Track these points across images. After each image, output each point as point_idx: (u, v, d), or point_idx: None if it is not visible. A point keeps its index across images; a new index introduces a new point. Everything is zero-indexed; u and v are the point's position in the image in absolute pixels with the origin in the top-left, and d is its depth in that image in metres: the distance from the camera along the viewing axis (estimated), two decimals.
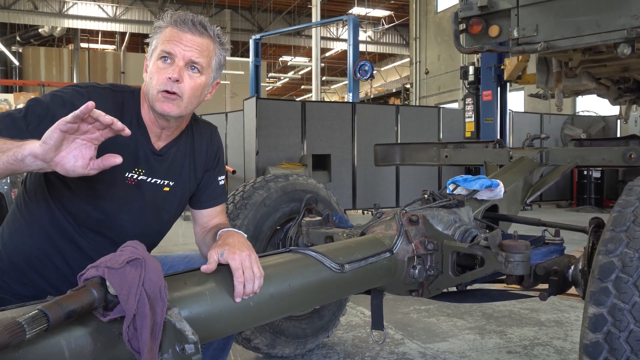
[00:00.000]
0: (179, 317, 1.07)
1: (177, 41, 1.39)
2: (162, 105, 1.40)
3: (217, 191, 1.68)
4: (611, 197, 11.31)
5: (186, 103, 1.42)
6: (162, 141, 1.51)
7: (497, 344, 2.87)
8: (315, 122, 9.55)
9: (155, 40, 1.44)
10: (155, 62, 1.41)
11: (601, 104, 7.65)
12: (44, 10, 22.76)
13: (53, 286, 1.44)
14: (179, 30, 1.40)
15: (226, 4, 24.10)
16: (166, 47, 1.39)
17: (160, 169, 1.51)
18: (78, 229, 1.44)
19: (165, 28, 1.42)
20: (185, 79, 1.40)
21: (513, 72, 7.56)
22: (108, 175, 1.38)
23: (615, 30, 2.80)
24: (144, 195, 1.49)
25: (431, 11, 19.72)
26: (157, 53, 1.41)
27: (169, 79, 1.38)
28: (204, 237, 1.63)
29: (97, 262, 1.03)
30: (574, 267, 1.71)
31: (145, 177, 1.48)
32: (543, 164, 2.91)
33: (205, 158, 1.64)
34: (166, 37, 1.41)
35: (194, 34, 1.41)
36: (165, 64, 1.39)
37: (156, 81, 1.40)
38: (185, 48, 1.39)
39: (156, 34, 1.44)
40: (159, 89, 1.39)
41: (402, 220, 1.82)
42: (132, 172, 1.46)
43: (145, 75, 1.46)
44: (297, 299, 1.43)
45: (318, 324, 2.62)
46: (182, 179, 1.57)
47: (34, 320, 0.86)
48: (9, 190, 5.07)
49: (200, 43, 1.42)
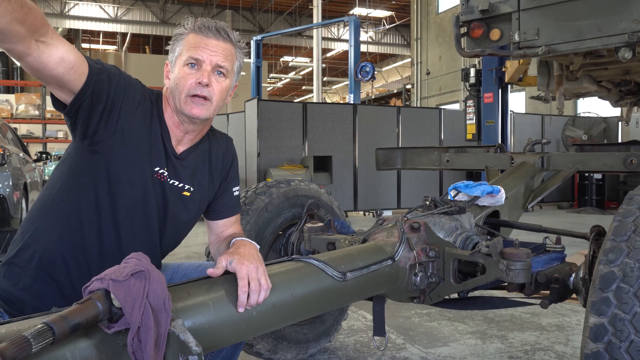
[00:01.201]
0: (182, 328, 1.08)
1: (204, 47, 1.44)
2: (192, 110, 1.44)
3: (232, 202, 1.71)
4: (612, 199, 11.32)
5: (214, 106, 1.48)
6: (182, 145, 1.54)
7: (499, 348, 2.87)
8: (317, 123, 9.57)
9: (179, 47, 1.48)
10: (181, 68, 1.45)
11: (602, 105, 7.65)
12: (45, 11, 22.78)
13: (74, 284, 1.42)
14: (203, 36, 1.45)
15: (227, 4, 24.12)
16: (193, 53, 1.44)
17: (181, 173, 1.54)
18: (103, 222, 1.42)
19: (188, 35, 1.47)
20: (213, 83, 1.46)
21: (514, 74, 7.55)
22: (140, 164, 1.43)
23: (616, 35, 2.80)
24: (166, 195, 1.51)
25: (432, 12, 19.73)
26: (183, 59, 1.45)
27: (198, 84, 1.43)
28: (219, 247, 1.66)
29: (101, 274, 1.04)
30: (575, 275, 1.71)
31: (168, 178, 1.51)
32: (544, 169, 2.91)
33: (222, 168, 1.66)
34: (191, 44, 1.45)
35: (219, 39, 1.46)
36: (192, 70, 1.44)
37: (184, 86, 1.44)
38: (211, 53, 1.45)
39: (178, 41, 1.48)
40: (188, 94, 1.44)
41: (404, 228, 1.83)
42: (162, 169, 1.49)
43: (168, 82, 1.50)
44: (299, 308, 1.43)
45: (320, 329, 2.62)
46: (201, 187, 1.59)
47: (40, 334, 0.87)
48: (11, 193, 5.08)
49: (224, 48, 1.47)
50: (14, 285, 1.42)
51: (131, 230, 1.46)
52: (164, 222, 1.53)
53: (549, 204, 12.03)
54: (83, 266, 1.43)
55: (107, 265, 1.36)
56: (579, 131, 11.76)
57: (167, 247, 1.61)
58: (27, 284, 1.41)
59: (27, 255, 1.42)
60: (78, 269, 1.42)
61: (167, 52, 1.55)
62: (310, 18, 19.57)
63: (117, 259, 1.43)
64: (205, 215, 1.70)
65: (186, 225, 1.63)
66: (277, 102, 10.38)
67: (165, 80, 1.52)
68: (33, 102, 15.94)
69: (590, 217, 9.65)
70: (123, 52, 25.96)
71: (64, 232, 1.42)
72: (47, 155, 7.59)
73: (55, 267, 1.41)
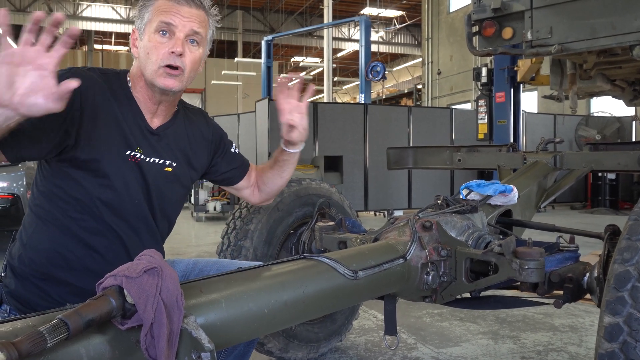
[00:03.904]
0: (195, 325, 1.08)
1: (175, 12, 1.36)
2: (164, 81, 1.38)
3: (238, 160, 1.74)
4: (626, 199, 11.18)
5: (187, 77, 1.41)
6: (157, 119, 1.48)
7: (511, 349, 2.85)
8: (327, 123, 9.56)
9: (148, 14, 1.39)
10: (151, 36, 1.37)
11: (616, 104, 7.57)
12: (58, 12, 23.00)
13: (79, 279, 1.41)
14: (174, 2, 1.37)
15: (238, 5, 24.21)
16: (165, 18, 1.35)
17: (159, 148, 1.48)
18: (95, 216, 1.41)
19: (157, 1, 1.38)
20: (187, 52, 1.38)
21: (526, 73, 7.49)
22: (108, 154, 1.38)
23: (630, 33, 2.77)
24: (145, 175, 1.46)
25: (443, 11, 19.65)
26: (153, 26, 1.36)
27: (171, 53, 1.36)
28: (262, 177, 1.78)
29: (115, 270, 1.04)
30: (589, 275, 1.69)
31: (145, 156, 1.45)
32: (557, 168, 2.89)
33: (206, 143, 1.63)
34: (162, 9, 1.36)
35: (191, 5, 1.39)
36: (164, 38, 1.36)
37: (156, 56, 1.36)
38: (184, 19, 1.37)
39: (146, 7, 1.39)
40: (161, 64, 1.36)
41: (416, 227, 1.82)
42: (133, 151, 1.43)
43: (136, 51, 1.42)
44: (311, 306, 1.43)
45: (331, 328, 2.62)
46: (183, 162, 1.55)
47: (55, 330, 0.88)
48: (25, 192, 5.14)
49: (197, 14, 1.40)
50: (22, 285, 1.43)
51: (125, 222, 1.44)
52: (151, 203, 1.49)
53: (561, 205, 11.92)
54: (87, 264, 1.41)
55: (112, 260, 1.37)
56: (593, 131, 11.64)
57: (163, 229, 1.57)
58: (34, 284, 1.42)
59: (30, 255, 1.42)
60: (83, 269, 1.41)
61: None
62: (320, 18, 19.57)
63: (122, 252, 1.44)
64: (225, 185, 1.74)
65: (175, 204, 1.59)
66: None
67: (133, 49, 1.43)
68: None
69: (604, 218, 9.55)
70: None
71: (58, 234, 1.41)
72: None
73: (57, 267, 1.41)
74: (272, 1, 24.92)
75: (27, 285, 1.42)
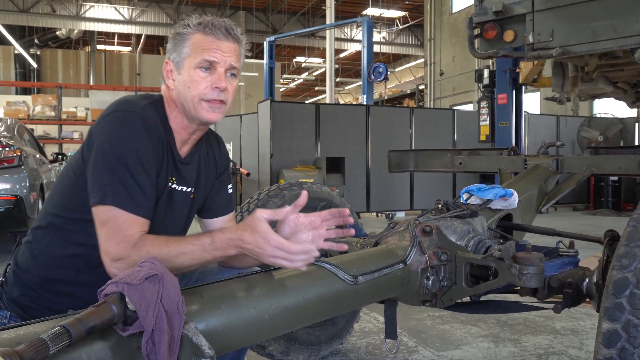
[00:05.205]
0: (195, 331, 1.10)
1: (216, 49, 1.40)
2: (209, 115, 1.42)
3: (227, 199, 1.69)
4: (629, 201, 11.17)
5: (227, 108, 1.47)
6: (186, 147, 1.52)
7: (512, 352, 2.86)
8: (330, 124, 9.57)
9: (186, 48, 1.41)
10: (193, 71, 1.40)
11: (619, 106, 7.56)
12: (61, 13, 23.07)
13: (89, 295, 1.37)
14: (214, 37, 1.41)
15: (241, 5, 24.22)
16: (207, 55, 1.40)
17: (187, 177, 1.52)
18: None
19: (194, 34, 1.41)
20: (227, 85, 1.43)
21: (528, 75, 7.50)
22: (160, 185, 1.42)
23: (632, 36, 2.77)
24: (175, 203, 1.50)
25: (446, 12, 19.63)
26: (195, 62, 1.40)
27: (215, 88, 1.40)
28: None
29: (116, 277, 1.05)
30: (589, 280, 1.70)
31: (177, 185, 1.50)
32: (558, 171, 2.89)
33: (215, 168, 1.65)
34: (202, 46, 1.40)
35: (229, 40, 1.43)
36: (206, 73, 1.40)
37: (197, 90, 1.40)
38: (224, 55, 1.41)
39: (183, 40, 1.42)
40: (204, 98, 1.41)
41: (416, 231, 1.83)
42: (169, 181, 1.47)
43: (171, 82, 1.45)
44: (311, 311, 1.44)
45: (332, 331, 2.63)
46: (200, 187, 1.59)
47: (57, 337, 0.89)
48: (28, 194, 5.16)
49: (234, 48, 1.44)
50: (27, 294, 1.43)
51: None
52: (175, 227, 1.54)
53: (564, 206, 11.91)
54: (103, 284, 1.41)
55: None
56: (595, 132, 11.63)
57: None
58: (39, 294, 1.43)
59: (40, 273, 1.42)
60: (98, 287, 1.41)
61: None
62: (323, 19, 19.58)
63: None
64: (201, 215, 1.67)
65: (187, 227, 1.64)
66: (290, 103, 10.43)
67: (168, 81, 1.46)
68: (49, 103, 16.13)
69: (606, 220, 9.54)
70: (137, 53, 26.19)
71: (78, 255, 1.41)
72: (63, 156, 7.67)
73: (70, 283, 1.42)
74: (275, 2, 24.94)
75: (32, 294, 1.43)
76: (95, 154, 1.33)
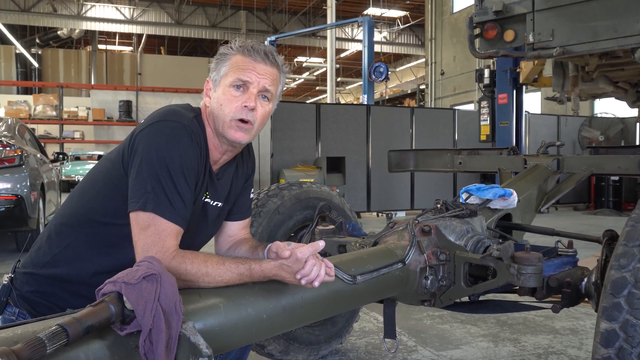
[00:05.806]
0: (193, 330, 1.10)
1: (251, 69, 1.42)
2: (235, 134, 1.43)
3: (247, 203, 1.71)
4: (629, 200, 11.16)
5: (255, 131, 1.46)
6: (218, 164, 1.54)
7: (511, 352, 2.86)
8: (330, 124, 9.58)
9: (224, 67, 1.44)
10: (226, 89, 1.42)
11: (619, 105, 7.55)
12: (62, 13, 23.11)
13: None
14: (251, 59, 1.43)
15: (242, 5, 24.25)
16: (241, 75, 1.41)
17: (220, 190, 1.54)
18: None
19: (235, 55, 1.44)
20: (258, 107, 1.43)
21: (529, 75, 7.49)
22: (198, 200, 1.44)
23: (632, 35, 2.77)
24: (207, 217, 1.53)
25: (447, 12, 19.63)
26: (229, 80, 1.42)
27: (244, 107, 1.41)
28: (236, 249, 1.64)
29: (114, 277, 1.06)
30: (587, 280, 1.70)
31: (210, 200, 1.52)
32: (558, 171, 2.89)
33: (245, 175, 1.67)
34: (239, 65, 1.42)
35: (266, 63, 1.44)
36: (238, 92, 1.42)
37: (229, 109, 1.42)
38: (259, 76, 1.42)
39: (224, 61, 1.45)
40: (233, 117, 1.42)
41: (415, 231, 1.83)
42: (204, 195, 1.49)
43: (209, 100, 1.47)
44: (309, 311, 1.44)
45: (331, 331, 2.63)
46: (230, 200, 1.61)
47: (54, 336, 0.90)
48: (29, 193, 5.16)
49: (271, 72, 1.45)
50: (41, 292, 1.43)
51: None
52: (204, 237, 1.58)
53: (564, 206, 11.90)
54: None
55: None
56: (596, 132, 11.62)
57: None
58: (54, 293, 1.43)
59: (56, 271, 1.43)
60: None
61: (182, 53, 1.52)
62: (324, 18, 19.60)
63: None
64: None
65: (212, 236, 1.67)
66: (290, 102, 10.42)
67: (205, 98, 1.49)
68: (50, 102, 16.16)
69: (607, 219, 9.53)
70: (139, 53, 26.21)
71: (100, 256, 1.42)
72: (64, 155, 7.68)
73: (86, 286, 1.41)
74: (276, 1, 24.95)
75: (45, 290, 1.43)
76: (139, 161, 1.33)
